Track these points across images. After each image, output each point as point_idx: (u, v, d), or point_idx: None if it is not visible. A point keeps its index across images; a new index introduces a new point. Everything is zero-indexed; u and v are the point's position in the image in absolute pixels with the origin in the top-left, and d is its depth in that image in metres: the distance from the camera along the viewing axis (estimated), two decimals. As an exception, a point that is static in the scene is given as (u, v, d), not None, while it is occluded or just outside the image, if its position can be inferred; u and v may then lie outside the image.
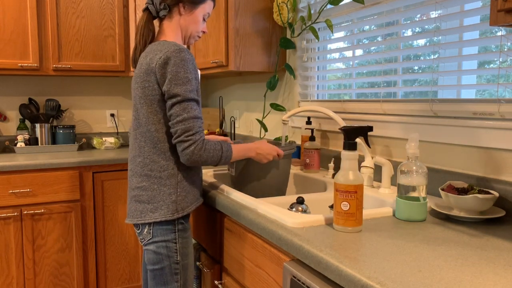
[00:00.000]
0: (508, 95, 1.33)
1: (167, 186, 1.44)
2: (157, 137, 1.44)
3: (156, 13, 1.51)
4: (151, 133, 1.44)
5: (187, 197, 1.47)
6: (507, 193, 1.27)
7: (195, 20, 1.55)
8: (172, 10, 1.51)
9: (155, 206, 1.44)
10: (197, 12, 1.54)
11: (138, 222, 1.46)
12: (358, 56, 1.93)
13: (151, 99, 1.42)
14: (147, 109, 1.43)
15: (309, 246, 1.02)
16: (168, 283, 1.46)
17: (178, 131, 1.38)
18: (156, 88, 1.41)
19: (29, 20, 2.63)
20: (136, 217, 1.47)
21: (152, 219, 1.44)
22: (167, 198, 1.44)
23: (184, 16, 1.52)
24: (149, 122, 1.44)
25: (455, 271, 0.86)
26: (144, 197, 1.46)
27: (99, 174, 2.61)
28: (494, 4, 0.94)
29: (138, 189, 1.47)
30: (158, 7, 1.50)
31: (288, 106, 2.38)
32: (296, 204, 1.48)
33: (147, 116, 1.44)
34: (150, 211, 1.44)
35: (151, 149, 1.45)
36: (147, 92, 1.42)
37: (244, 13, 2.24)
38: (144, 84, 1.42)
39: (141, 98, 1.44)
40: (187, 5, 1.51)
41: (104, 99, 3.23)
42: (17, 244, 2.42)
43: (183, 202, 1.46)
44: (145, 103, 1.43)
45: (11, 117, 2.98)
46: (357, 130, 1.20)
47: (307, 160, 1.94)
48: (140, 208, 1.46)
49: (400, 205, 1.24)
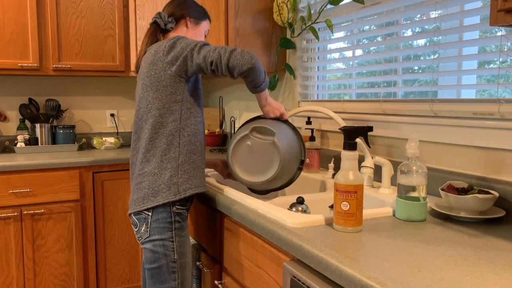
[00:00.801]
0: (508, 95, 1.33)
1: (168, 170, 1.45)
2: (160, 122, 1.46)
3: (164, 26, 1.59)
4: (154, 118, 1.46)
5: (190, 179, 1.48)
6: (507, 193, 1.27)
7: (200, 34, 1.66)
8: (179, 23, 1.61)
9: (156, 190, 1.45)
10: (201, 27, 1.66)
11: (140, 209, 1.46)
12: (358, 56, 1.93)
13: (157, 85, 1.46)
14: (152, 94, 1.47)
15: (309, 246, 1.02)
16: (165, 282, 1.47)
17: (221, 51, 1.37)
18: (163, 74, 1.45)
19: (29, 20, 2.63)
20: (138, 205, 1.47)
21: (154, 203, 1.44)
22: (168, 180, 1.45)
23: (190, 30, 1.63)
24: (153, 107, 1.46)
25: (455, 271, 0.86)
26: (146, 183, 1.46)
27: (99, 174, 2.61)
28: (494, 4, 0.94)
29: (140, 176, 1.48)
30: (165, 20, 1.58)
31: (288, 106, 2.38)
32: (296, 204, 1.48)
33: (152, 102, 1.47)
34: (151, 196, 1.45)
35: (152, 134, 1.47)
36: (153, 79, 1.47)
37: (244, 13, 2.24)
38: (151, 73, 1.47)
39: (147, 87, 1.48)
40: (192, 19, 1.62)
41: (104, 99, 3.23)
42: (17, 244, 2.42)
43: (185, 184, 1.46)
44: (150, 90, 1.47)
45: (11, 117, 2.98)
46: (357, 130, 1.20)
47: (307, 160, 1.94)
48: (141, 194, 1.46)
49: (400, 205, 1.24)
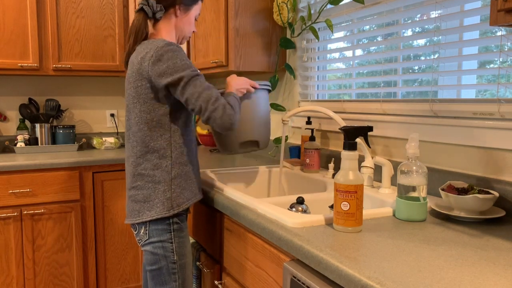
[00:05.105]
0: (509, 95, 1.33)
1: (161, 184, 1.45)
2: (149, 135, 1.44)
3: (152, 14, 1.50)
4: (143, 132, 1.44)
5: (182, 193, 1.48)
6: (507, 193, 1.27)
7: (189, 22, 1.59)
8: (168, 11, 1.52)
9: (151, 205, 1.45)
10: (191, 13, 1.58)
11: (136, 222, 1.46)
12: (358, 56, 1.93)
13: (144, 98, 1.42)
14: (140, 108, 1.43)
15: (309, 246, 1.02)
16: (166, 283, 1.47)
17: (202, 106, 1.36)
18: (149, 87, 1.41)
19: (29, 20, 2.63)
20: (134, 217, 1.47)
21: (148, 217, 1.44)
22: (162, 195, 1.45)
23: (180, 18, 1.55)
24: (142, 121, 1.44)
25: (455, 271, 0.86)
26: (140, 196, 1.46)
27: (99, 174, 2.61)
28: (494, 4, 0.94)
29: (133, 189, 1.48)
30: (154, 8, 1.49)
31: (288, 106, 2.38)
32: (296, 204, 1.48)
33: (139, 116, 1.44)
34: (147, 210, 1.45)
35: (143, 148, 1.45)
36: (140, 91, 1.42)
37: (244, 13, 2.24)
38: (137, 84, 1.43)
39: (134, 98, 1.44)
40: (182, 6, 1.54)
41: (104, 99, 3.23)
42: (17, 244, 2.42)
43: (179, 199, 1.47)
44: (138, 102, 1.44)
45: (11, 117, 2.98)
46: (357, 130, 1.20)
47: (307, 160, 1.94)
48: (137, 207, 1.47)
49: (400, 205, 1.24)
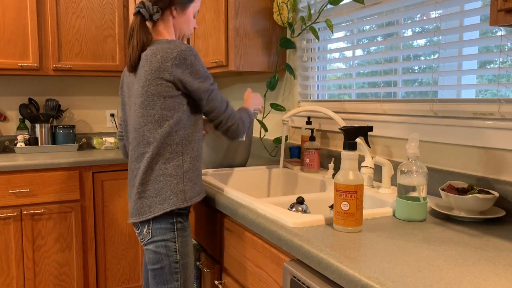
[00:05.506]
0: (510, 94, 1.33)
1: (174, 177, 1.45)
2: (168, 131, 1.45)
3: (149, 17, 1.52)
4: (163, 129, 1.45)
5: (193, 187, 1.49)
6: (507, 193, 1.27)
7: (187, 20, 1.60)
8: (165, 12, 1.54)
9: (163, 198, 1.44)
10: (188, 12, 1.59)
11: (147, 218, 1.45)
12: (358, 56, 1.93)
13: (165, 96, 1.44)
14: (160, 105, 1.45)
15: (309, 246, 1.02)
16: (168, 282, 1.47)
17: (223, 121, 1.54)
18: (171, 85, 1.43)
19: (29, 20, 2.63)
20: (145, 213, 1.46)
21: (161, 210, 1.44)
22: (175, 187, 1.45)
23: (177, 18, 1.57)
24: (163, 118, 1.45)
25: (455, 271, 0.86)
26: (151, 191, 1.46)
27: (99, 174, 2.61)
28: (494, 4, 0.94)
29: (143, 185, 1.47)
30: (151, 10, 1.51)
31: (288, 106, 2.38)
32: (296, 204, 1.48)
33: (160, 112, 1.45)
34: (158, 204, 1.44)
35: (160, 144, 1.45)
36: (161, 89, 1.44)
37: (244, 13, 2.24)
38: (157, 81, 1.44)
39: (154, 96, 1.45)
40: (179, 6, 1.55)
41: (104, 99, 3.23)
42: (17, 244, 2.42)
43: (190, 192, 1.48)
44: (158, 99, 1.45)
45: (11, 117, 2.98)
46: (357, 130, 1.20)
47: (307, 160, 1.94)
48: (147, 203, 1.46)
49: (400, 205, 1.24)
